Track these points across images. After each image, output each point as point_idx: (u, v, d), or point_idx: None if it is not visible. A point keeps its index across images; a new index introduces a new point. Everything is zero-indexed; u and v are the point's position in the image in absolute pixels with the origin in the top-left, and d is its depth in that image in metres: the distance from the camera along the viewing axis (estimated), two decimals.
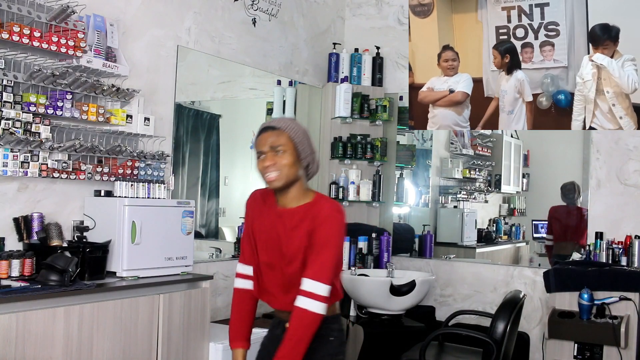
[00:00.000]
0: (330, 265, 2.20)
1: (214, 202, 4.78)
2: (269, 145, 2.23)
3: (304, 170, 2.30)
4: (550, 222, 5.39)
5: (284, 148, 2.23)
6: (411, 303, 4.21)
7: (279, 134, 2.24)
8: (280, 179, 2.23)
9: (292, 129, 2.25)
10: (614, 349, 3.70)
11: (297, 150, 2.25)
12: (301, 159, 2.27)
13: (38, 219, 2.95)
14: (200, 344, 3.25)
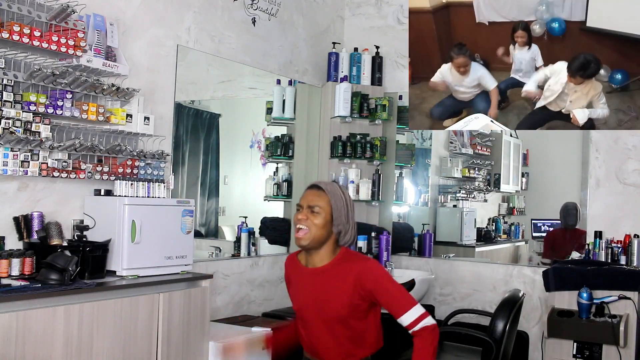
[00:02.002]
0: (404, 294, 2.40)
1: (213, 201, 4.79)
2: (308, 203, 2.41)
3: (335, 236, 2.43)
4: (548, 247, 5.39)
5: (319, 210, 2.39)
6: None
7: (321, 196, 2.41)
8: (307, 238, 2.39)
9: (334, 195, 2.41)
10: (613, 348, 3.70)
11: (331, 215, 2.39)
12: (334, 225, 2.40)
13: (38, 218, 2.95)
14: (200, 343, 3.25)
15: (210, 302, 3.54)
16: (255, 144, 5.14)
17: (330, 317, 2.39)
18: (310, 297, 2.43)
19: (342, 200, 2.41)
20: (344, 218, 2.41)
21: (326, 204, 2.39)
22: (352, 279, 2.36)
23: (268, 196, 4.84)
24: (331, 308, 2.38)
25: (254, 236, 4.45)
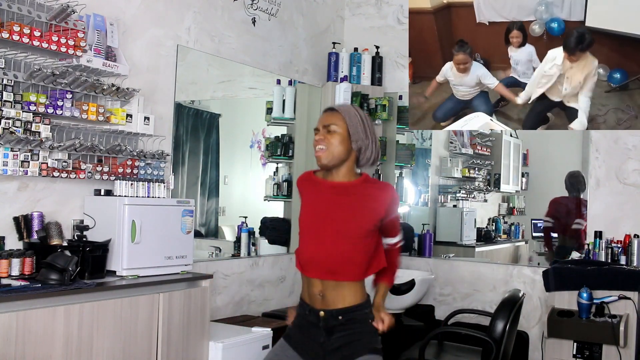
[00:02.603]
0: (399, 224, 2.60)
1: (213, 201, 4.79)
2: (323, 124, 2.42)
3: (356, 153, 2.44)
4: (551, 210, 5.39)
5: (335, 128, 2.40)
6: (411, 302, 4.21)
7: (335, 116, 2.42)
8: (327, 156, 2.40)
9: (347, 112, 2.42)
10: (613, 347, 3.70)
11: (348, 132, 2.40)
12: (352, 141, 2.41)
13: (38, 218, 2.95)
14: (200, 342, 3.25)
15: (210, 302, 3.54)
16: (255, 144, 5.14)
17: (352, 229, 2.40)
18: (332, 209, 2.43)
19: (357, 117, 2.42)
20: (362, 134, 2.41)
21: (342, 122, 2.40)
22: (386, 201, 2.43)
23: (268, 196, 4.84)
24: (356, 222, 2.40)
25: (254, 236, 4.45)
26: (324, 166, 2.43)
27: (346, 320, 2.40)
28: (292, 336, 2.52)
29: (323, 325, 2.42)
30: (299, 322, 2.52)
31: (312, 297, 2.45)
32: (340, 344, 2.40)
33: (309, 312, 2.46)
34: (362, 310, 2.44)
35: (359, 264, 2.42)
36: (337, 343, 2.40)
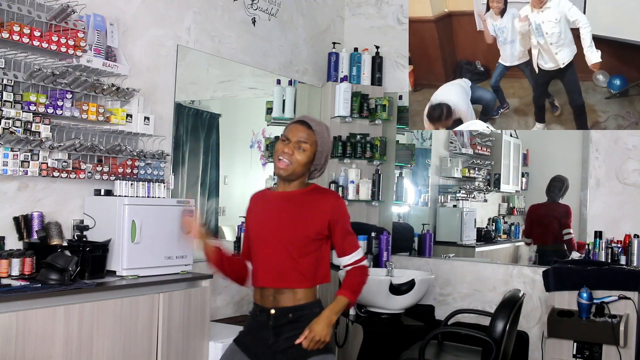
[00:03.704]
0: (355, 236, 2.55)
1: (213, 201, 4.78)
2: (297, 138, 2.46)
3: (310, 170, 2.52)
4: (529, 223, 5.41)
5: (305, 147, 2.46)
6: (410, 302, 4.21)
7: (310, 134, 2.48)
8: (288, 170, 2.46)
9: (322, 136, 2.50)
10: (613, 348, 3.70)
11: (314, 156, 2.48)
12: (313, 164, 2.50)
13: (38, 218, 2.95)
14: (200, 342, 3.25)
15: (210, 302, 3.54)
16: (255, 144, 5.14)
17: (295, 237, 2.45)
18: (278, 217, 2.48)
19: (327, 144, 2.51)
20: (323, 159, 2.52)
21: (313, 144, 2.47)
22: (328, 209, 2.47)
23: None
24: (299, 229, 2.45)
25: None
26: (282, 177, 2.49)
27: (296, 317, 2.44)
28: (242, 339, 2.55)
29: (272, 323, 2.45)
30: (250, 325, 2.56)
31: (264, 297, 2.50)
32: (288, 345, 2.43)
33: (260, 312, 2.50)
34: (311, 309, 2.47)
35: (305, 271, 2.47)
36: (285, 344, 2.43)
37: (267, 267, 2.49)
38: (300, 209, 2.48)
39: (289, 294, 2.46)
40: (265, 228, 2.51)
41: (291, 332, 2.43)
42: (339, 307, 2.45)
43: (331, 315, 2.42)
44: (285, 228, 2.46)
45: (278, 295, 2.46)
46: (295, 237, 2.45)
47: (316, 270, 2.49)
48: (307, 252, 2.47)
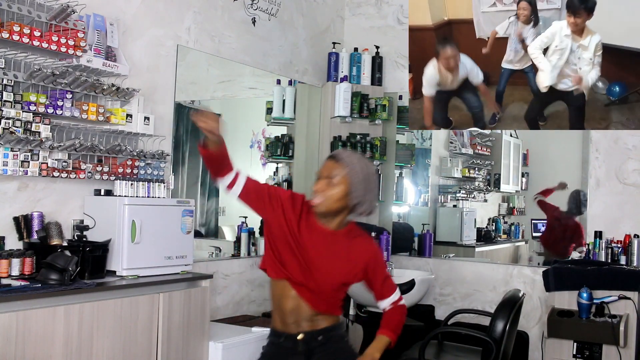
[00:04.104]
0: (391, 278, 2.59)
1: (213, 201, 4.79)
2: (327, 173, 2.41)
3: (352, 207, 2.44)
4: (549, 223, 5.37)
5: (337, 181, 2.38)
6: (410, 302, 4.21)
7: (340, 168, 2.39)
8: (322, 206, 2.40)
9: (352, 168, 2.39)
10: (613, 347, 3.70)
11: (349, 188, 2.38)
12: (350, 197, 2.39)
13: (38, 218, 2.95)
14: (199, 342, 3.25)
15: (210, 302, 3.54)
16: (255, 144, 5.14)
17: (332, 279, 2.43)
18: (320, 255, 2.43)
19: (361, 174, 2.39)
20: (361, 191, 2.40)
21: (344, 178, 2.38)
22: (366, 257, 2.46)
23: None
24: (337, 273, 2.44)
25: (254, 236, 4.45)
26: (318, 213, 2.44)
27: (326, 339, 2.45)
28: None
29: (303, 348, 2.44)
30: (273, 353, 2.53)
31: (286, 325, 2.47)
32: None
33: (284, 339, 2.48)
34: (338, 331, 2.52)
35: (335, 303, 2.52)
36: None
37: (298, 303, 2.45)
38: (341, 254, 2.45)
39: (312, 321, 2.46)
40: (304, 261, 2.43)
41: (322, 353, 2.45)
42: (382, 345, 2.47)
43: (374, 353, 2.44)
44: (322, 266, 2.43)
45: (302, 322, 2.45)
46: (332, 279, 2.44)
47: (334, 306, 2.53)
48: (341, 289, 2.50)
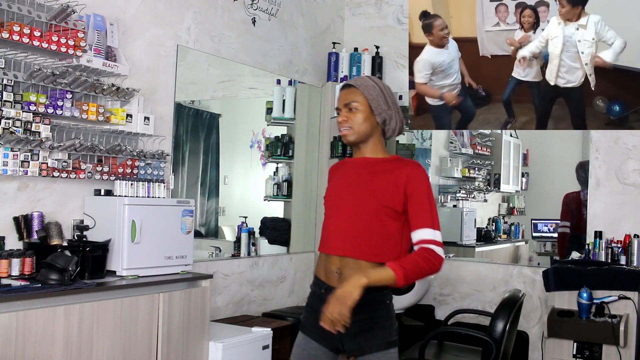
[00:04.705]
0: (434, 214, 2.32)
1: (213, 201, 4.79)
2: (343, 103, 2.36)
3: (381, 125, 2.38)
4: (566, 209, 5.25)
5: (356, 105, 2.34)
6: (411, 302, 4.21)
7: (354, 92, 2.35)
8: (352, 134, 2.35)
9: (366, 86, 2.35)
10: (613, 347, 3.70)
11: (370, 107, 2.34)
12: (375, 115, 2.35)
13: (38, 218, 2.95)
14: (200, 342, 3.26)
15: (210, 302, 3.54)
16: (255, 144, 5.14)
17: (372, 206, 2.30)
18: (355, 184, 2.36)
19: (376, 88, 2.35)
20: (384, 105, 2.35)
21: (362, 98, 2.34)
22: (404, 178, 2.29)
23: (268, 196, 4.84)
24: (376, 196, 2.31)
25: (254, 236, 4.45)
26: (351, 143, 2.39)
27: (365, 301, 2.16)
28: (307, 325, 2.39)
29: None
30: (313, 304, 2.38)
31: (329, 274, 2.33)
32: (357, 331, 2.25)
33: (325, 290, 2.32)
34: (381, 291, 2.28)
35: (376, 244, 2.29)
36: (354, 329, 2.22)
37: (338, 234, 2.34)
38: (378, 177, 2.32)
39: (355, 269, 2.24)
40: (342, 194, 2.37)
41: (360, 314, 2.21)
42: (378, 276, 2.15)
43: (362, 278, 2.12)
44: (360, 196, 2.32)
45: (344, 270, 2.28)
46: (369, 205, 2.30)
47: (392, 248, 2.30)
48: (381, 223, 2.29)
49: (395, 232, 2.32)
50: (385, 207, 2.29)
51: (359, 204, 2.33)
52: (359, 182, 2.36)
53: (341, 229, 2.34)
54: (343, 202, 2.37)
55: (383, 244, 2.30)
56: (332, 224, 2.38)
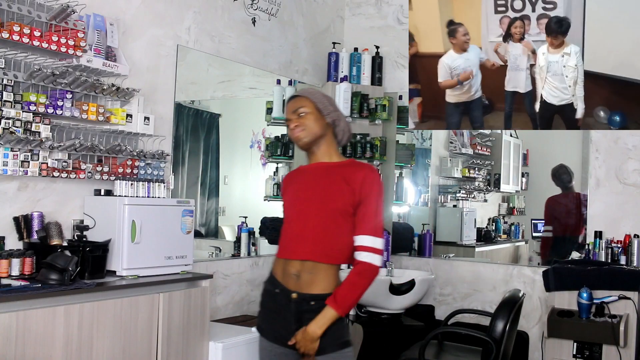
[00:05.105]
0: (378, 220, 2.40)
1: (213, 201, 4.78)
2: (292, 111, 2.48)
3: (331, 127, 2.49)
4: (549, 214, 5.36)
5: (305, 110, 2.46)
6: (410, 302, 4.21)
7: (300, 100, 2.49)
8: (306, 135, 2.46)
9: (310, 93, 2.50)
10: (613, 348, 3.70)
11: (317, 109, 2.47)
12: (324, 115, 2.47)
13: (38, 218, 2.95)
14: (200, 343, 3.25)
15: (210, 302, 3.54)
16: (255, 144, 5.14)
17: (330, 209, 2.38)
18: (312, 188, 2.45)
19: (319, 94, 2.50)
20: (330, 107, 2.48)
21: (308, 102, 2.47)
22: (359, 181, 2.39)
23: (268, 196, 4.84)
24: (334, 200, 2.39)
25: (254, 236, 4.45)
26: (306, 144, 2.48)
27: (318, 307, 2.36)
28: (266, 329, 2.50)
29: (294, 308, 2.39)
30: (268, 305, 2.50)
31: (287, 276, 2.43)
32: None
33: (280, 291, 2.44)
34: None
35: (334, 246, 2.39)
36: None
37: (299, 239, 2.42)
38: (335, 181, 2.41)
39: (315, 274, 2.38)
40: (302, 200, 2.46)
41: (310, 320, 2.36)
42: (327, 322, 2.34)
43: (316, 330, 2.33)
44: (319, 200, 2.41)
45: (303, 275, 2.39)
46: (328, 210, 2.39)
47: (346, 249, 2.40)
48: (338, 227, 2.39)
49: (350, 233, 2.41)
50: (342, 210, 2.39)
51: (317, 208, 2.41)
52: (316, 187, 2.44)
53: (302, 234, 2.42)
54: (303, 208, 2.44)
55: (339, 245, 2.41)
56: (293, 230, 2.46)
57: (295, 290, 2.40)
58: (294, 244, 2.44)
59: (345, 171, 2.43)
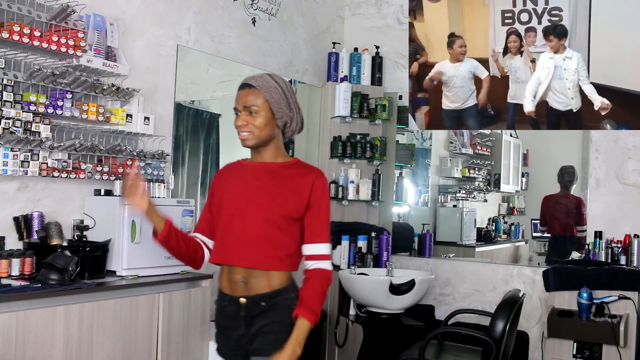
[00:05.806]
0: (328, 227, 2.30)
1: None
2: (243, 105, 2.25)
3: (282, 128, 2.29)
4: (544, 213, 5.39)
5: (257, 109, 2.23)
6: (411, 302, 4.21)
7: (254, 94, 2.24)
8: (252, 139, 2.25)
9: (267, 88, 2.23)
10: (613, 348, 3.70)
11: (271, 111, 2.24)
12: (276, 119, 2.26)
13: (38, 218, 2.95)
14: (199, 342, 3.25)
15: (210, 302, 3.53)
16: None
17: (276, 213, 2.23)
18: (257, 190, 2.27)
19: (278, 90, 2.24)
20: (286, 108, 2.25)
21: (263, 101, 2.22)
22: (308, 186, 2.25)
23: None
24: (280, 204, 2.24)
25: None
26: (250, 147, 2.29)
27: (269, 306, 2.23)
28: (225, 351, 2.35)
29: (244, 314, 2.24)
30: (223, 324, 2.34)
31: (234, 284, 2.26)
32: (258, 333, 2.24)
33: (228, 302, 2.28)
34: (286, 295, 2.26)
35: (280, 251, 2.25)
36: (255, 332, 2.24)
37: (242, 243, 2.24)
38: (280, 183, 2.26)
39: (262, 277, 2.23)
40: (243, 200, 2.27)
41: (263, 320, 2.23)
42: (302, 335, 2.18)
43: (296, 348, 2.16)
44: (264, 203, 2.24)
45: (250, 279, 2.24)
46: (273, 213, 2.23)
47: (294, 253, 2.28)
48: (284, 232, 2.25)
49: (297, 237, 2.29)
50: (289, 215, 2.25)
51: (262, 211, 2.25)
52: (259, 190, 2.27)
53: (243, 239, 2.25)
54: (245, 210, 2.27)
55: (286, 250, 2.27)
56: (234, 232, 2.28)
57: (243, 295, 2.24)
58: (237, 250, 2.26)
59: (292, 174, 2.29)
